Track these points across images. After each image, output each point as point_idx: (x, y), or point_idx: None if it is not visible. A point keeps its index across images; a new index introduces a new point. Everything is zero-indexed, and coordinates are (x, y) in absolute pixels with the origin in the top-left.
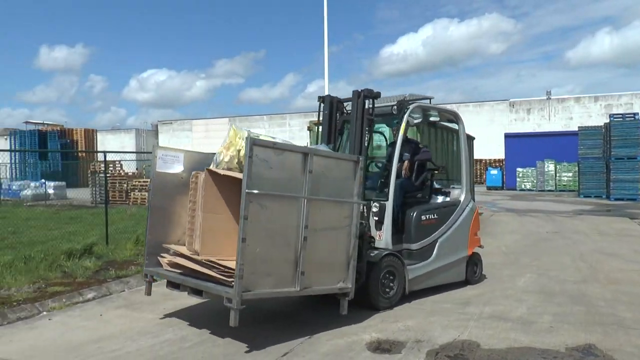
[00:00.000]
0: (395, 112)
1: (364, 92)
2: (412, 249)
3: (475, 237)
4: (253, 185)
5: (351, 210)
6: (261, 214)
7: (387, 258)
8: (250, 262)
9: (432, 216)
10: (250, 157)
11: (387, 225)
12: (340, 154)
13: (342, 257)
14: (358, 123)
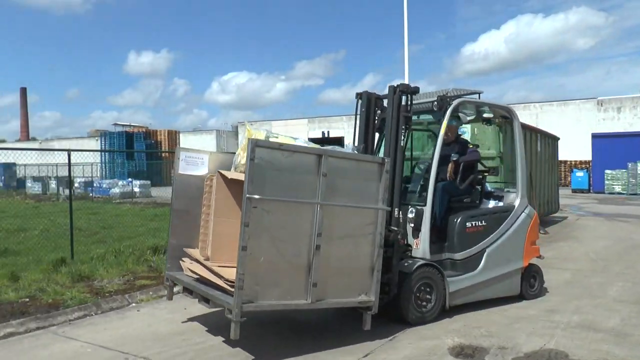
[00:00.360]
0: (436, 108)
1: (399, 87)
2: (456, 259)
3: (533, 247)
4: (255, 190)
5: (374, 217)
6: (266, 221)
7: (423, 269)
8: (252, 271)
9: (479, 223)
10: (251, 159)
11: (425, 232)
12: (362, 155)
13: (363, 267)
14: (393, 121)
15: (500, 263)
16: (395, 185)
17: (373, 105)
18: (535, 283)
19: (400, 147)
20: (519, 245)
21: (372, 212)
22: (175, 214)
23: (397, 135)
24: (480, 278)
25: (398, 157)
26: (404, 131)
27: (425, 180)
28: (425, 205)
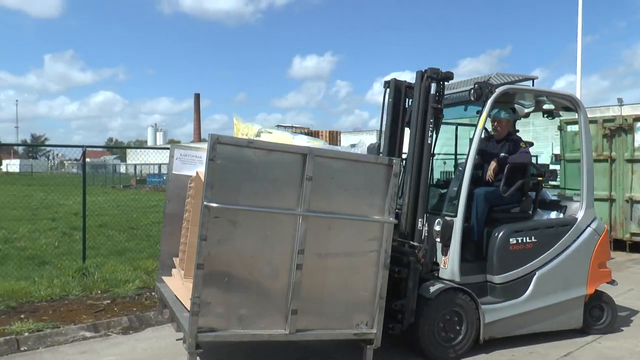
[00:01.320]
0: (473, 97)
1: (427, 72)
2: (495, 282)
3: (601, 270)
4: (215, 197)
5: (378, 231)
6: (231, 234)
7: (449, 293)
8: (213, 295)
9: (527, 238)
10: (211, 159)
11: (454, 249)
12: (362, 155)
13: (362, 292)
14: (420, 113)
15: (556, 289)
16: (420, 191)
17: (403, 95)
18: (604, 315)
19: (428, 144)
20: (582, 268)
21: (374, 226)
22: (168, 218)
23: (423, 130)
24: (527, 307)
25: (424, 156)
26: (432, 126)
27: (460, 185)
28: (456, 216)
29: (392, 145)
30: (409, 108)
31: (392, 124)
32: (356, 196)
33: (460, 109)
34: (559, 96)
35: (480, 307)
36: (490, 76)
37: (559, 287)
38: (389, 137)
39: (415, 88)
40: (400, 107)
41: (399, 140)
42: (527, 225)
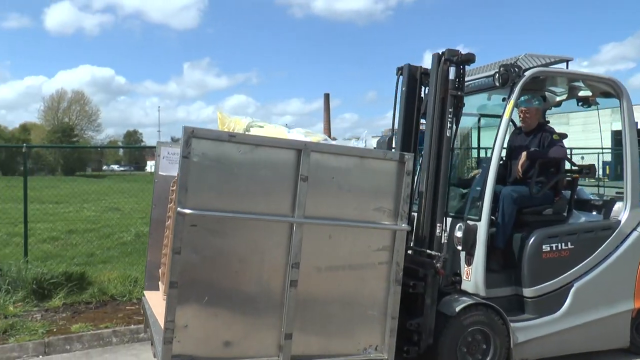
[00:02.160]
0: (499, 83)
1: (445, 54)
2: (526, 296)
3: None
4: (191, 201)
5: (389, 239)
6: (212, 245)
7: (473, 310)
8: (190, 317)
9: (562, 245)
10: (185, 157)
11: (479, 257)
12: (368, 150)
13: (370, 311)
14: (437, 102)
15: (597, 303)
16: (438, 191)
17: (418, 82)
18: None
19: (447, 137)
20: (628, 278)
21: (384, 234)
22: (154, 225)
23: (441, 122)
24: (564, 324)
25: (443, 151)
26: (451, 116)
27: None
28: (480, 220)
29: (406, 139)
30: (425, 97)
31: (406, 115)
32: (362, 199)
33: (483, 98)
34: (599, 80)
35: (509, 325)
36: (518, 58)
37: (601, 300)
38: (403, 131)
39: (431, 73)
40: (415, 96)
41: (414, 134)
42: (562, 230)
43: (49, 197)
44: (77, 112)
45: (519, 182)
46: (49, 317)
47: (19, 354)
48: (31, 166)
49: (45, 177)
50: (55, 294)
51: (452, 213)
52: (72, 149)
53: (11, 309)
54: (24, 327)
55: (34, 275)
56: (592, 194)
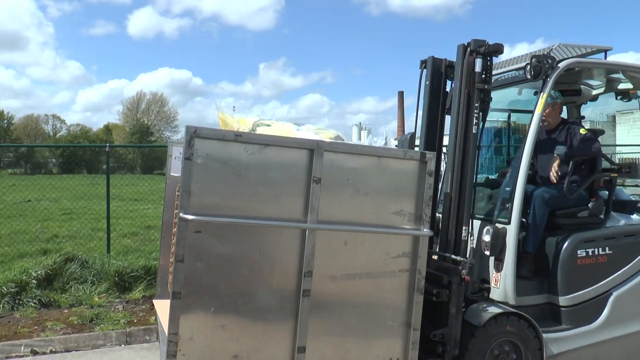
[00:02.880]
0: (530, 75)
1: (471, 45)
2: (560, 305)
3: None
4: (194, 206)
5: (410, 245)
6: (217, 253)
7: (502, 319)
8: (195, 329)
9: (599, 250)
10: (188, 158)
11: (508, 263)
12: (386, 149)
13: (390, 321)
14: (463, 96)
15: (638, 314)
16: (464, 192)
17: (443, 75)
18: None
19: (473, 134)
20: None
21: (404, 239)
22: (165, 228)
23: (467, 117)
24: (602, 335)
25: (469, 149)
26: (477, 111)
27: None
28: (509, 223)
29: (430, 136)
30: (450, 92)
31: (430, 111)
32: (380, 202)
33: (514, 92)
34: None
35: (541, 336)
36: (552, 48)
37: (635, 313)
38: (427, 127)
39: (456, 66)
40: (440, 90)
41: (439, 131)
42: (599, 234)
43: (129, 194)
44: (156, 113)
45: (551, 182)
46: (130, 308)
47: (104, 342)
48: (112, 165)
49: (125, 176)
50: (135, 286)
51: (480, 215)
52: (150, 148)
53: (96, 299)
54: (107, 317)
55: (116, 268)
56: (633, 195)
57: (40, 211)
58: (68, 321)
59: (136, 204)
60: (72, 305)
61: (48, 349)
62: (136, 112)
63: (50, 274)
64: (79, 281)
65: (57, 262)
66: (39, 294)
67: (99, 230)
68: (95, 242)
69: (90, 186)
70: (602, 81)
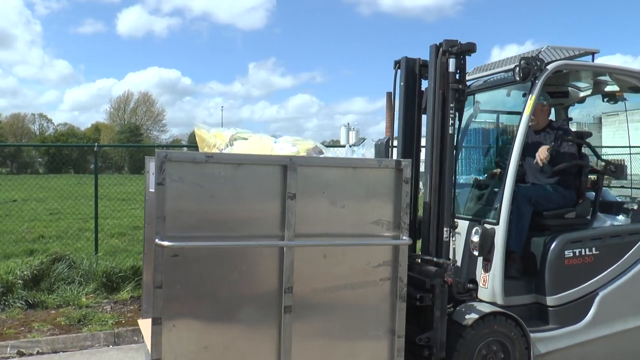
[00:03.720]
0: (519, 77)
1: (444, 44)
2: (547, 304)
3: None
4: (169, 232)
5: (390, 254)
6: (196, 275)
7: (489, 320)
8: (179, 353)
9: (586, 250)
10: (160, 183)
11: (497, 264)
12: (359, 160)
13: (372, 332)
14: (438, 97)
15: (624, 313)
16: (442, 194)
17: (418, 76)
18: None
19: (450, 135)
20: None
21: (383, 248)
22: (148, 244)
23: (443, 118)
24: (588, 335)
25: (446, 150)
26: (453, 111)
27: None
28: (498, 223)
29: (407, 137)
30: (425, 91)
31: (407, 112)
32: (357, 212)
33: (503, 94)
34: (628, 74)
35: (529, 335)
36: (540, 50)
37: (629, 310)
38: (404, 128)
39: (430, 66)
40: (415, 91)
41: (416, 132)
42: (586, 235)
43: (117, 194)
44: (143, 112)
45: (538, 183)
46: (118, 309)
47: (92, 342)
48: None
49: (113, 175)
50: (123, 287)
51: (469, 216)
52: (138, 148)
53: (84, 300)
54: (95, 317)
55: (103, 268)
56: (620, 196)
57: (27, 211)
58: (55, 322)
59: (124, 204)
60: (59, 306)
61: (35, 350)
62: (124, 112)
63: (37, 275)
64: (66, 282)
65: (44, 262)
66: (26, 294)
67: (86, 230)
68: (83, 242)
69: (77, 186)
70: (589, 83)
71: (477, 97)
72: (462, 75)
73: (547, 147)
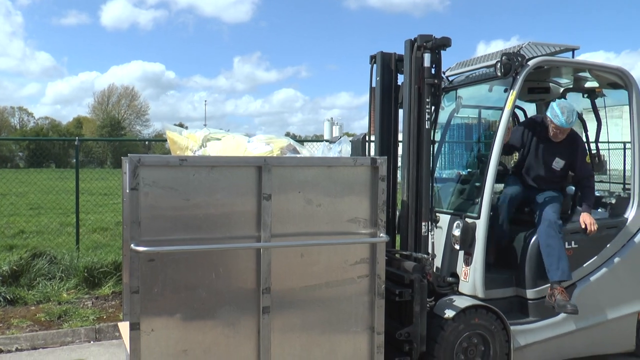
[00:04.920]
0: (500, 73)
1: (418, 39)
2: (527, 297)
3: None
4: (144, 237)
5: (367, 251)
6: (173, 279)
7: (470, 313)
8: (157, 358)
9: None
10: (134, 188)
11: (478, 257)
12: (334, 159)
13: (352, 329)
14: (414, 92)
15: (602, 305)
16: (420, 188)
17: (394, 71)
18: None
19: (426, 130)
20: (635, 279)
21: (361, 246)
22: (126, 245)
23: (419, 113)
24: (567, 327)
25: (423, 145)
26: (429, 106)
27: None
28: (479, 217)
29: (384, 132)
30: (402, 86)
31: (383, 106)
32: (334, 211)
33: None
34: (606, 70)
35: (509, 328)
36: (522, 46)
37: (606, 302)
38: (381, 123)
39: (405, 62)
40: (391, 85)
41: (393, 127)
42: (566, 228)
43: (99, 189)
44: (126, 106)
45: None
46: (99, 304)
47: (72, 338)
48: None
49: (95, 170)
50: (105, 282)
51: (451, 210)
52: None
53: (64, 295)
54: (76, 313)
55: (85, 264)
56: (599, 191)
57: (6, 206)
58: (35, 318)
59: (106, 199)
60: (39, 302)
61: (13, 346)
62: (107, 106)
63: (17, 270)
64: (46, 277)
65: (24, 258)
66: (4, 290)
67: (67, 225)
68: (64, 237)
69: (58, 180)
70: (570, 79)
71: (459, 92)
72: (437, 70)
73: (590, 217)
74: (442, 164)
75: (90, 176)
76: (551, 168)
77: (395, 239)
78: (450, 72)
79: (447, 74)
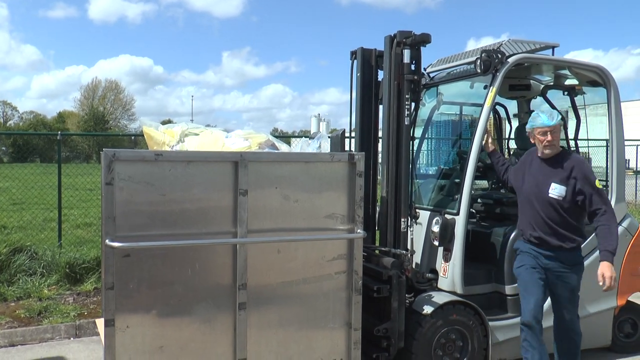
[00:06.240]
0: (480, 69)
1: (397, 36)
2: (506, 293)
3: (635, 277)
4: (119, 233)
5: (344, 247)
6: (149, 275)
7: (448, 309)
8: (133, 354)
9: None
10: (109, 183)
11: (457, 254)
12: (312, 154)
13: (329, 325)
14: (393, 88)
15: (580, 300)
16: (400, 184)
17: (374, 66)
18: (638, 331)
19: (406, 126)
20: None
21: (338, 242)
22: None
23: (399, 109)
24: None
25: (402, 141)
26: (409, 102)
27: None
28: (458, 214)
29: (365, 128)
30: (382, 82)
31: (363, 102)
32: (311, 207)
33: (466, 86)
34: (585, 67)
35: (487, 323)
36: (502, 43)
37: (583, 298)
38: (361, 119)
39: (384, 58)
40: (372, 81)
41: (373, 123)
42: None
43: (83, 184)
44: (112, 100)
45: None
46: (81, 300)
47: (52, 335)
48: (67, 154)
49: (80, 165)
50: (87, 278)
51: (431, 206)
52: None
53: (45, 291)
54: (57, 309)
55: (67, 260)
56: None
57: None
58: (14, 314)
59: (91, 194)
60: (19, 298)
61: None
62: (92, 100)
63: None
64: (27, 273)
65: (4, 253)
66: None
67: (51, 220)
68: (47, 232)
69: (42, 175)
70: (550, 77)
71: (440, 89)
72: (417, 66)
73: (611, 268)
74: (425, 160)
75: (76, 171)
76: (550, 201)
77: (375, 235)
78: (431, 68)
79: (428, 70)
